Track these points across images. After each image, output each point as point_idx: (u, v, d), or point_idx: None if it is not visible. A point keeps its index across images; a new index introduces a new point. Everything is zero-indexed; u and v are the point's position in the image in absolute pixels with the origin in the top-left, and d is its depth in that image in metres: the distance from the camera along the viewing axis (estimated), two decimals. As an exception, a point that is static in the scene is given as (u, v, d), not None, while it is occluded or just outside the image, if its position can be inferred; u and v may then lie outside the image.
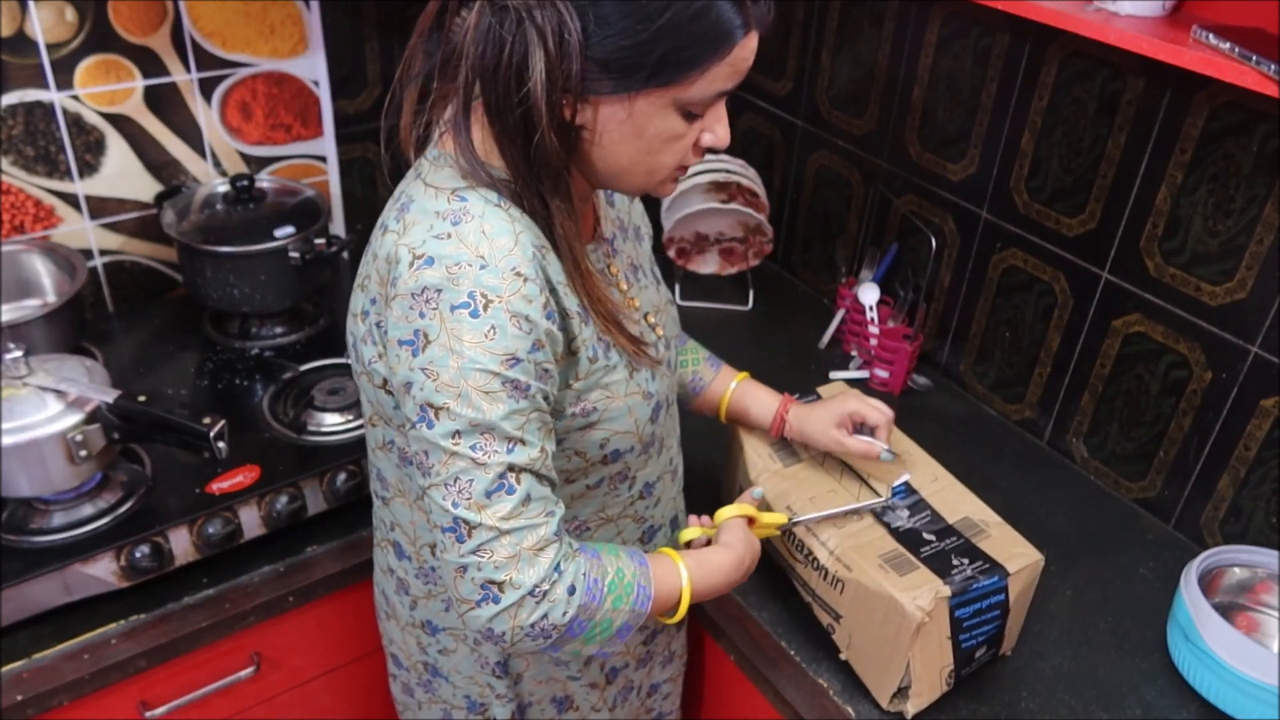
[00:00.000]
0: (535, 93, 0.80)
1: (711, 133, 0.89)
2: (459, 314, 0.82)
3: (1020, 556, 1.12)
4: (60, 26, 1.47)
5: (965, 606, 1.08)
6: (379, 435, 0.99)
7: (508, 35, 0.80)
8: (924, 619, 1.04)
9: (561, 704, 1.16)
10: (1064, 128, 1.41)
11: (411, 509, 1.02)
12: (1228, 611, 1.22)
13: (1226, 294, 1.28)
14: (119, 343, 1.61)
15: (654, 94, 0.83)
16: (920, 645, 1.07)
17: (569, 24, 0.78)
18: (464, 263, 0.82)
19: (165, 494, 1.28)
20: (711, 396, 1.27)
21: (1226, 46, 1.04)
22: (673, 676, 1.30)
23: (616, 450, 0.99)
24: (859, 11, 1.66)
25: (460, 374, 0.82)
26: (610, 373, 0.95)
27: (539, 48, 0.79)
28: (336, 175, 1.82)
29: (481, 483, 0.84)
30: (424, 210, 0.87)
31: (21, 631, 1.18)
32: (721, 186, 1.84)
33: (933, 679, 1.11)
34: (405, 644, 1.14)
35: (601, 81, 0.82)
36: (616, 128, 0.85)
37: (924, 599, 1.04)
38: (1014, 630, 1.17)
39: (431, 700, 1.16)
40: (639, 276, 1.07)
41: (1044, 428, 1.57)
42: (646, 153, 0.87)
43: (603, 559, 0.92)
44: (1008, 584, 1.10)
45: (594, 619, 0.89)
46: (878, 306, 1.70)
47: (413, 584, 1.08)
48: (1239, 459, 1.31)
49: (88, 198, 1.60)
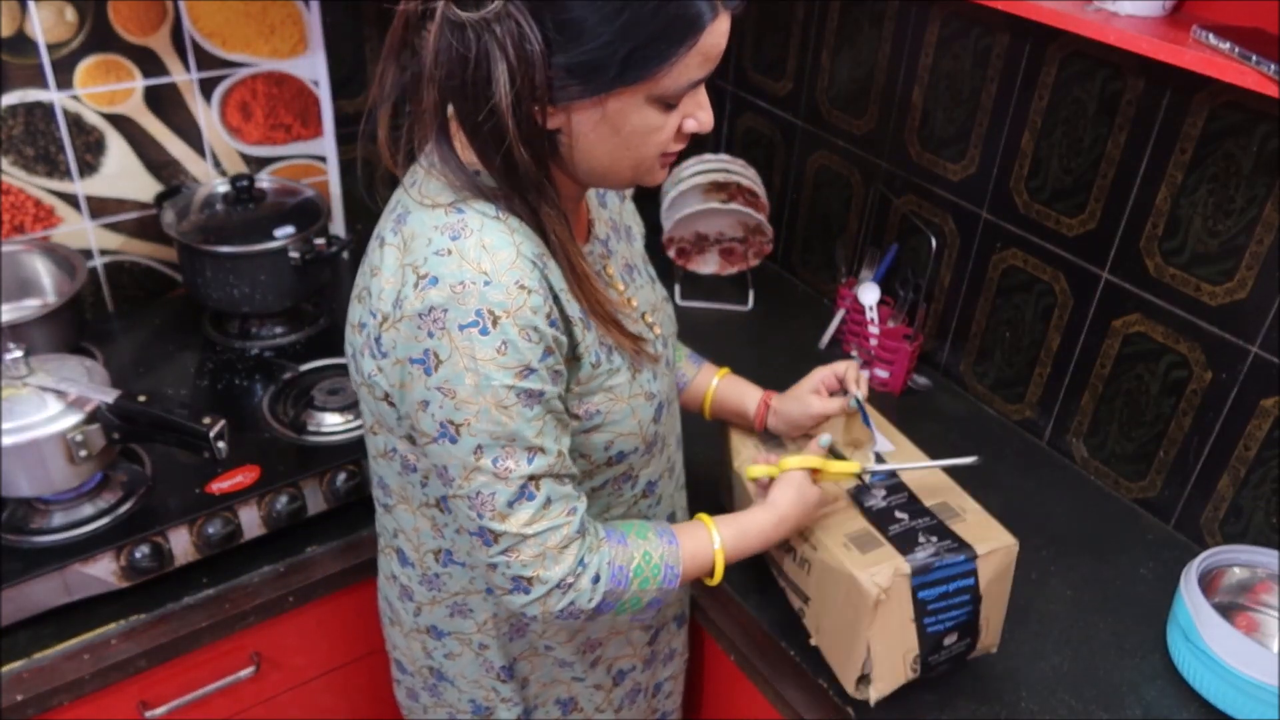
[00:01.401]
0: (501, 106, 0.79)
1: (693, 118, 0.88)
2: (468, 332, 0.82)
3: (992, 540, 1.07)
4: (60, 26, 1.47)
5: (930, 588, 1.04)
6: (380, 443, 0.99)
7: (469, 51, 0.79)
8: (880, 595, 1.01)
9: (566, 705, 1.16)
10: (1064, 128, 1.41)
11: (415, 515, 1.02)
12: (1228, 611, 1.22)
13: (1226, 294, 1.28)
14: (119, 343, 1.61)
15: (625, 92, 0.82)
16: (880, 625, 1.03)
17: (529, 34, 0.77)
18: (467, 281, 0.82)
19: (165, 494, 1.28)
20: (695, 393, 1.28)
21: (1226, 46, 1.04)
22: (674, 674, 1.30)
23: (621, 452, 0.99)
24: (859, 11, 1.66)
25: (477, 390, 0.83)
26: (613, 376, 0.95)
27: (501, 60, 0.78)
28: (336, 175, 1.82)
29: (503, 495, 0.86)
30: (422, 224, 0.86)
31: (21, 631, 1.18)
32: (721, 186, 1.84)
33: (895, 663, 1.06)
34: (410, 649, 1.14)
35: (569, 87, 0.81)
36: (592, 129, 0.84)
37: (882, 576, 1.02)
38: (993, 623, 1.11)
39: (437, 704, 1.16)
40: (634, 276, 1.07)
41: (1044, 428, 1.57)
42: (626, 149, 0.86)
43: (629, 544, 0.96)
44: (976, 566, 1.05)
45: (621, 600, 0.95)
46: (878, 306, 1.70)
47: (416, 590, 1.08)
48: (1239, 459, 1.31)
49: (88, 198, 1.60)
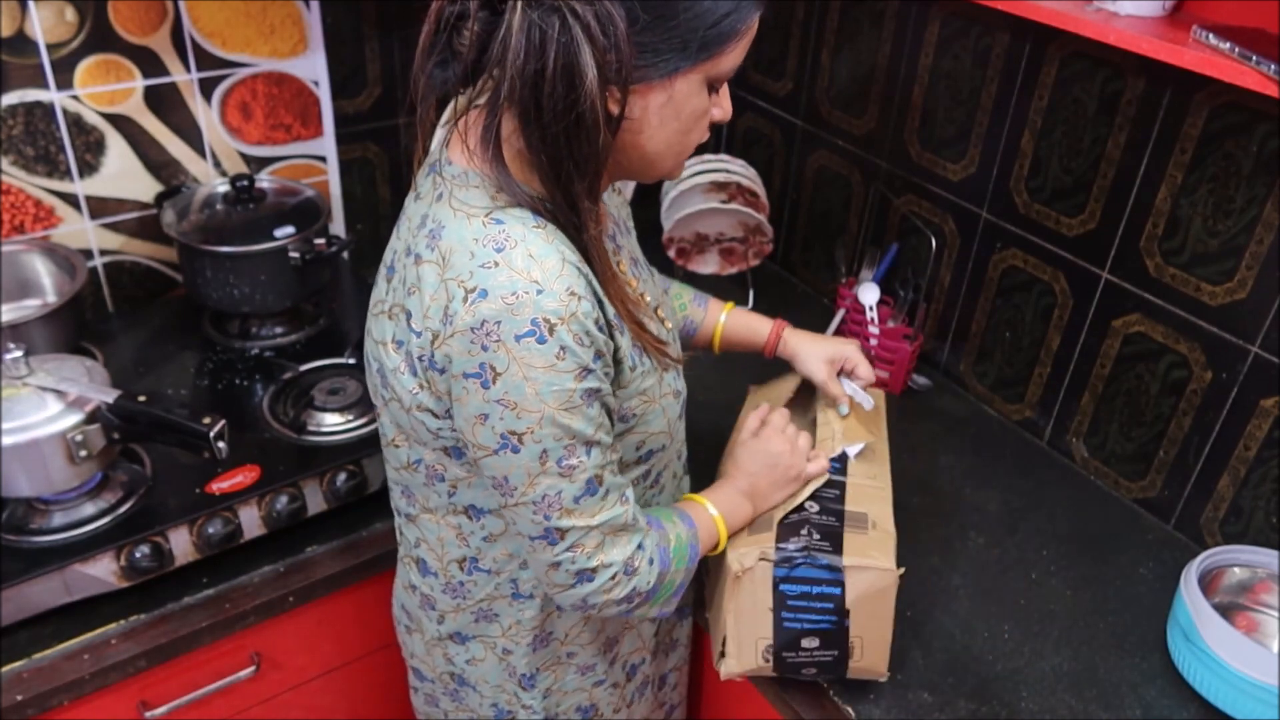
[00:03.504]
0: (591, 91, 0.77)
1: (720, 108, 0.89)
2: (526, 343, 0.81)
3: (872, 559, 1.03)
4: (60, 26, 1.47)
5: (792, 584, 1.04)
6: (403, 455, 0.97)
7: (551, 34, 0.76)
8: (738, 572, 1.04)
9: (587, 712, 1.16)
10: (1064, 128, 1.41)
11: (439, 525, 1.01)
12: (1228, 611, 1.22)
13: (1226, 294, 1.28)
14: (119, 343, 1.61)
15: (693, 72, 0.82)
16: (737, 603, 1.06)
17: (614, 13, 0.76)
18: (519, 291, 0.80)
19: (165, 494, 1.28)
20: (704, 334, 1.27)
21: (1226, 46, 1.04)
22: (677, 666, 1.30)
23: (650, 450, 1.00)
24: (859, 11, 1.66)
25: (539, 399, 0.82)
26: (646, 377, 0.95)
27: (586, 44, 0.76)
28: (336, 175, 1.82)
29: (570, 492, 0.87)
30: (460, 237, 0.84)
31: (21, 631, 1.18)
32: (721, 186, 1.84)
33: (747, 645, 1.08)
34: (430, 658, 1.13)
35: (648, 67, 0.80)
36: (658, 112, 0.84)
37: (749, 557, 1.05)
38: (871, 645, 1.07)
39: (459, 709, 1.15)
40: (639, 270, 1.07)
41: (1044, 428, 1.57)
42: (683, 133, 0.87)
43: (664, 527, 0.99)
44: (843, 579, 1.03)
45: (664, 582, 0.97)
46: (878, 306, 1.69)
47: (439, 600, 1.07)
48: (1239, 459, 1.31)
49: (88, 198, 1.60)
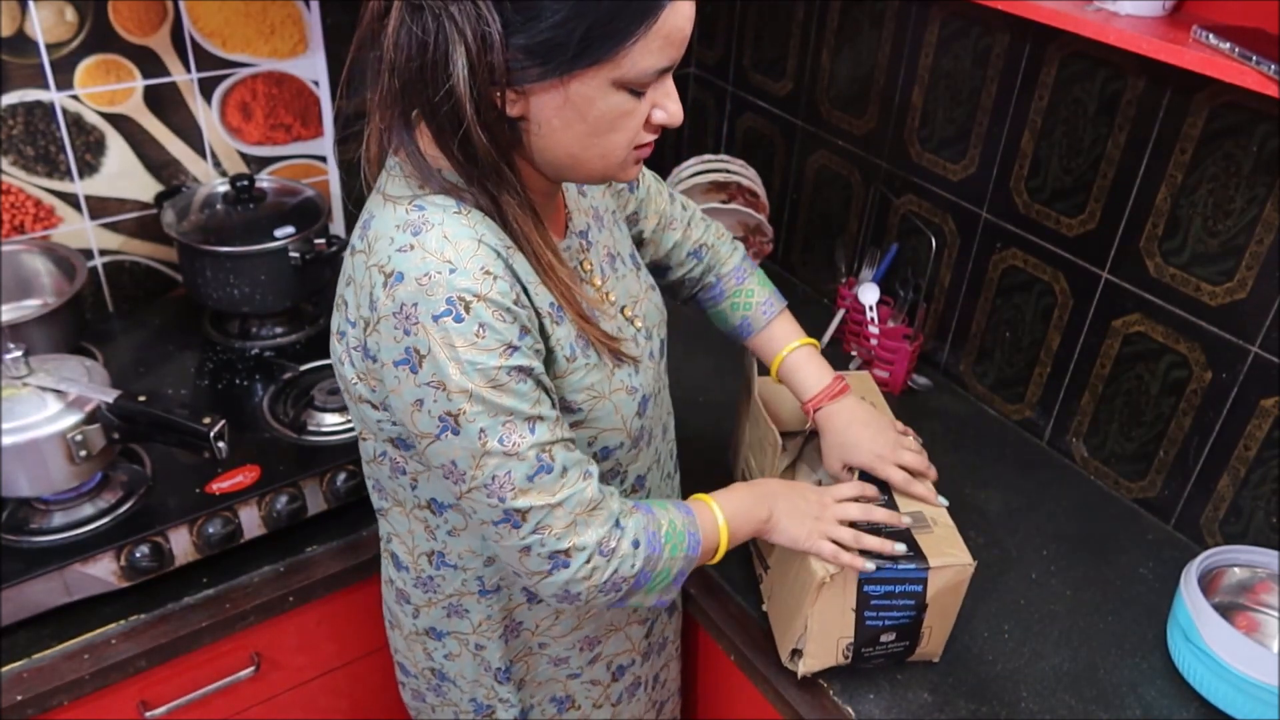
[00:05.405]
0: (459, 89, 0.79)
1: (662, 109, 0.87)
2: (444, 322, 0.82)
3: (950, 556, 1.08)
4: (60, 26, 1.47)
5: (876, 584, 1.07)
6: (370, 449, 0.99)
7: (427, 35, 0.79)
8: (825, 578, 1.05)
9: (562, 704, 1.16)
10: (1064, 128, 1.41)
11: (407, 518, 1.02)
12: (1228, 611, 1.22)
13: (1226, 294, 1.28)
14: (119, 343, 1.61)
15: (587, 74, 0.81)
16: (820, 606, 1.07)
17: (487, 15, 0.77)
18: (432, 271, 0.82)
19: (165, 494, 1.28)
20: (764, 350, 1.24)
21: (1226, 46, 1.04)
22: (667, 663, 1.30)
23: (606, 448, 0.99)
24: (859, 11, 1.66)
25: (465, 377, 0.82)
26: (592, 371, 0.95)
27: (459, 43, 0.78)
28: (336, 175, 1.82)
29: (520, 470, 0.86)
30: (384, 225, 0.86)
31: (21, 631, 1.18)
32: (721, 186, 1.84)
33: (828, 644, 1.10)
34: (411, 652, 1.14)
35: (529, 69, 0.80)
36: (555, 114, 0.83)
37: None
38: (937, 633, 1.14)
39: (443, 704, 1.16)
40: (616, 266, 1.05)
41: (1044, 428, 1.57)
42: (594, 135, 0.85)
43: (655, 513, 0.97)
44: (927, 576, 1.07)
45: (656, 569, 0.95)
46: (878, 306, 1.69)
47: (412, 593, 1.08)
48: (1239, 459, 1.31)
49: (88, 198, 1.60)
